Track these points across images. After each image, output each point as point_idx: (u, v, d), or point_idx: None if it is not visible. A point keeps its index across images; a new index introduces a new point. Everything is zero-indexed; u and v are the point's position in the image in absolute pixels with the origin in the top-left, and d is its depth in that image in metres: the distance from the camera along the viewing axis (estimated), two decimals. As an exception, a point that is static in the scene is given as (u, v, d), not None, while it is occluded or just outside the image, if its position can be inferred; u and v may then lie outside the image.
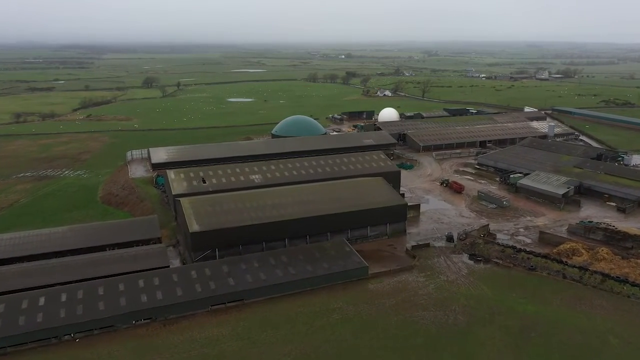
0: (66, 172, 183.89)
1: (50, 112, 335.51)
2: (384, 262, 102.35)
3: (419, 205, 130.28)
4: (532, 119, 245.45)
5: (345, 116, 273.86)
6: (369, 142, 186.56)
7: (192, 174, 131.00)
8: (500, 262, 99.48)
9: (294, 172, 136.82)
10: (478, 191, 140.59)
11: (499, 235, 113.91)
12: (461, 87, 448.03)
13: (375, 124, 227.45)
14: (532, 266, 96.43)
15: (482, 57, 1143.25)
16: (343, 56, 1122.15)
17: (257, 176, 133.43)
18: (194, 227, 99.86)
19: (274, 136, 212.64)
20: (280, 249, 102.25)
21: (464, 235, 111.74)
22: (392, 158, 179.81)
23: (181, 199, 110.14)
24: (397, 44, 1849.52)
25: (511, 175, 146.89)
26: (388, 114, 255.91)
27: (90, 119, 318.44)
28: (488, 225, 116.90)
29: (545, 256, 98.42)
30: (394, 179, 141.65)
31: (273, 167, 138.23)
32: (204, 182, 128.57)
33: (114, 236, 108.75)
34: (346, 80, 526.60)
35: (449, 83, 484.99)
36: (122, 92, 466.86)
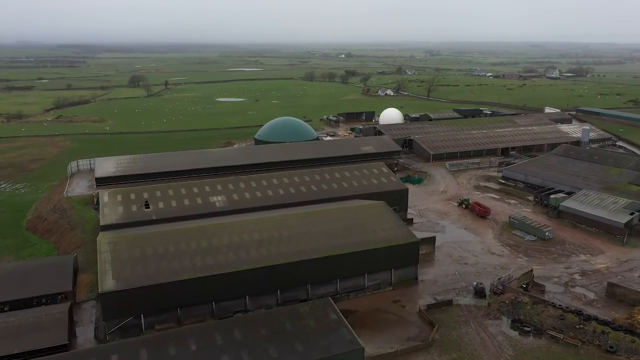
0: (3, 186, 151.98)
1: (17, 112, 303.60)
2: (388, 333, 70.15)
3: (434, 237, 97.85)
4: (557, 121, 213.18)
5: (341, 118, 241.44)
6: (368, 149, 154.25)
7: (133, 195, 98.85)
8: (561, 336, 67.02)
9: (269, 193, 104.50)
10: (510, 217, 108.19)
11: (547, 286, 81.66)
12: (469, 85, 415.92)
13: (375, 127, 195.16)
14: (611, 347, 64.04)
15: (485, 56, 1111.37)
16: (343, 55, 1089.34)
17: (219, 198, 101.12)
18: (107, 283, 67.63)
19: (257, 141, 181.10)
20: (233, 317, 69.94)
21: (501, 287, 79.46)
22: (395, 169, 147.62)
23: (100, 236, 77.98)
24: (398, 44, 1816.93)
25: (551, 196, 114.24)
26: (390, 115, 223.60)
27: (60, 120, 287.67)
28: (532, 270, 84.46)
29: (630, 330, 66.01)
30: (399, 199, 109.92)
31: (242, 185, 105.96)
32: (147, 206, 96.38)
33: (8, 289, 76.85)
34: (345, 79, 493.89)
35: (455, 82, 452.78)
36: (104, 91, 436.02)
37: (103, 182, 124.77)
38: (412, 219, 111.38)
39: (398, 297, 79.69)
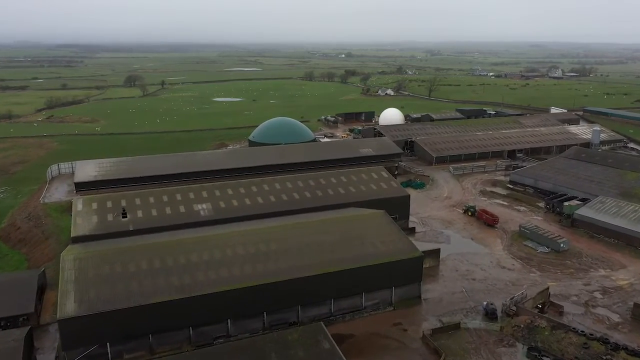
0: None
1: (7, 112, 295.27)
2: (388, 364, 61.92)
3: (439, 250, 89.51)
4: (564, 122, 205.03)
5: (340, 118, 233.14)
6: (367, 152, 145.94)
7: (110, 203, 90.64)
8: (586, 369, 58.77)
9: (259, 200, 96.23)
10: (520, 226, 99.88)
11: (566, 306, 73.29)
12: (471, 85, 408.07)
13: (375, 128, 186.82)
14: (645, 383, 55.79)
15: (486, 56, 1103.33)
16: (343, 55, 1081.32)
17: (204, 206, 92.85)
18: (68, 307, 59.42)
19: (251, 143, 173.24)
20: (213, 344, 61.81)
21: (514, 308, 71.16)
22: (396, 173, 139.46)
23: (65, 252, 69.72)
24: (398, 44, 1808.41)
25: (565, 203, 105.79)
26: (391, 115, 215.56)
27: (51, 120, 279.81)
28: (548, 288, 76.11)
29: (665, 363, 57.75)
30: (400, 207, 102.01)
31: (230, 192, 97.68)
32: (124, 216, 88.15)
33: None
34: (345, 79, 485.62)
35: (456, 81, 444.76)
36: (99, 91, 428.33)
37: (83, 187, 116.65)
38: (414, 227, 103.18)
39: (399, 319, 71.37)
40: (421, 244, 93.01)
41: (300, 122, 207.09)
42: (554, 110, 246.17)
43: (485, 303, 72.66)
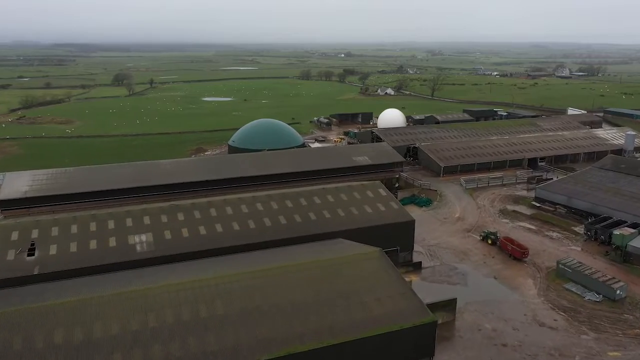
0: None
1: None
2: None
3: (455, 300, 66.60)
4: (585, 124, 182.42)
5: (334, 120, 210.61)
6: (362, 160, 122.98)
7: (16, 235, 67.96)
8: None
9: (218, 229, 73.47)
10: (558, 262, 77.04)
11: (643, 396, 50.68)
12: (475, 84, 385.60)
13: (373, 132, 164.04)
14: None
15: (488, 56, 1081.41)
16: (343, 55, 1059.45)
17: (142, 237, 70.06)
18: None
19: (230, 148, 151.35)
20: None
21: (570, 403, 48.46)
22: (397, 186, 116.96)
23: None
24: (399, 44, 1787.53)
25: (615, 232, 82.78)
26: (391, 116, 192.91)
27: (21, 121, 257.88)
28: (615, 367, 53.52)
29: None
30: (402, 235, 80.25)
31: (181, 217, 74.93)
32: (32, 253, 65.48)
33: None
34: (343, 78, 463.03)
35: (461, 80, 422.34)
36: (84, 90, 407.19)
37: (9, 205, 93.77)
38: (421, 262, 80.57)
39: (402, 418, 48.82)
40: (430, 287, 71.17)
41: (291, 124, 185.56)
42: (571, 111, 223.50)
43: (526, 393, 50.10)
